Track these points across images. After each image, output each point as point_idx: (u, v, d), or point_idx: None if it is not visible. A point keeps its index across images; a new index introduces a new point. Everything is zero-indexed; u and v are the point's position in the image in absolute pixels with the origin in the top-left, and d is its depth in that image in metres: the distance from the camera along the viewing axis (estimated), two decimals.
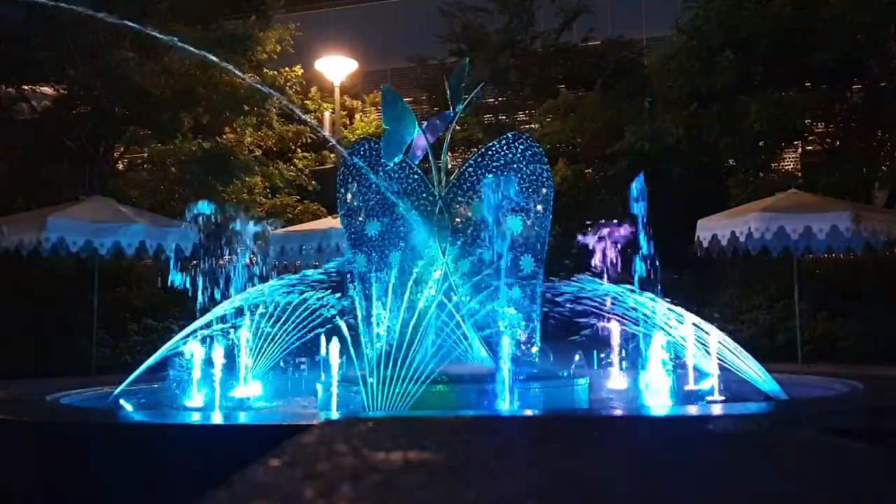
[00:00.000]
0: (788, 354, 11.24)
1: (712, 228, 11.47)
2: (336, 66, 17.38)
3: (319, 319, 7.17)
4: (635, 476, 1.39)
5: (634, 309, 6.88)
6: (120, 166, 17.81)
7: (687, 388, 6.88)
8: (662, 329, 6.56)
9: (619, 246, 7.48)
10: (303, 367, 8.73)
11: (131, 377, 7.10)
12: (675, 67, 14.27)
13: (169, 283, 7.64)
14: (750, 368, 6.68)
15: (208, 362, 6.72)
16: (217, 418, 5.94)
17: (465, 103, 7.82)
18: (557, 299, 7.09)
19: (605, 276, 7.46)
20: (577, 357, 8.16)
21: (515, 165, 7.25)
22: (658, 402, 6.29)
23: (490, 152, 7.32)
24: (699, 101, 13.96)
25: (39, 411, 5.99)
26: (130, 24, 7.71)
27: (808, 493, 1.26)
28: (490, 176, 7.20)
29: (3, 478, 4.86)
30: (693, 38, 14.22)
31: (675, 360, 6.61)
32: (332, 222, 12.35)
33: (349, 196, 7.54)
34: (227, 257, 7.97)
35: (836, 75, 13.66)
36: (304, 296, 7.14)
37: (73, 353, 11.43)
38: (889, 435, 3.87)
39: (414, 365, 6.16)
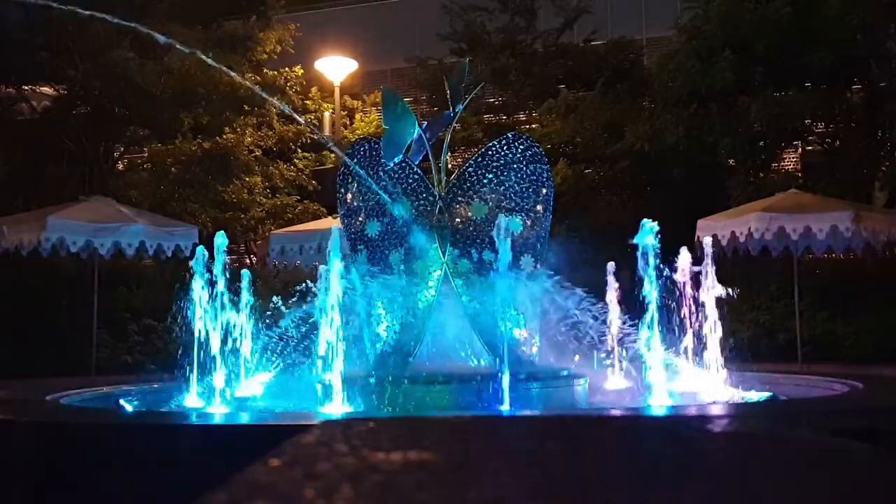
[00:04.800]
0: (788, 354, 11.24)
1: (712, 228, 11.46)
2: (336, 66, 17.39)
3: None
4: (635, 476, 1.39)
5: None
6: (120, 166, 17.82)
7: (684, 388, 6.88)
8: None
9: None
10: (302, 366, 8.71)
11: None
12: (675, 67, 14.27)
13: None
14: None
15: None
16: (217, 418, 5.94)
17: (465, 103, 7.81)
18: None
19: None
20: (576, 357, 8.16)
21: (515, 165, 7.24)
22: (658, 401, 6.29)
23: (490, 152, 7.31)
24: (699, 101, 13.95)
25: (39, 411, 5.98)
26: (131, 24, 7.71)
27: (809, 493, 1.26)
28: (490, 176, 7.20)
29: (3, 478, 4.85)
30: (693, 38, 14.22)
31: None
32: (332, 222, 12.34)
33: (349, 196, 7.53)
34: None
35: (836, 75, 13.66)
36: None
37: (73, 353, 11.43)
38: (889, 435, 3.87)
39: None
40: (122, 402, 6.86)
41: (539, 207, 7.27)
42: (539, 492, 1.24)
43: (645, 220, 6.54)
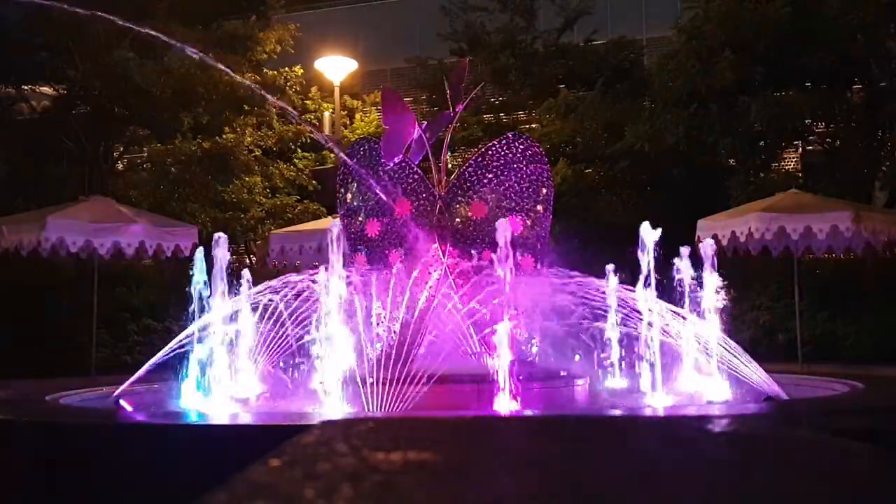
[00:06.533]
0: (788, 354, 11.24)
1: (712, 228, 11.47)
2: (336, 66, 17.38)
3: None
4: (635, 476, 1.39)
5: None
6: (120, 166, 17.83)
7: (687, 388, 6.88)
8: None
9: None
10: (302, 366, 8.70)
11: (133, 377, 7.11)
12: (675, 67, 14.28)
13: None
14: (750, 369, 6.68)
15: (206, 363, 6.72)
16: (217, 418, 5.93)
17: (465, 103, 7.81)
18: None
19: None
20: (576, 357, 8.15)
21: (515, 165, 7.24)
22: (658, 402, 6.29)
23: (490, 152, 7.31)
24: (699, 101, 13.96)
25: (39, 411, 5.98)
26: (131, 24, 7.71)
27: (809, 493, 1.26)
28: (490, 176, 7.19)
29: (3, 478, 4.85)
30: (693, 38, 14.23)
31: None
32: (332, 222, 12.33)
33: (349, 196, 7.54)
34: None
35: (836, 75, 13.67)
36: None
37: (73, 353, 11.43)
38: (889, 435, 3.87)
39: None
40: (122, 401, 6.85)
41: (539, 207, 7.26)
42: (539, 492, 1.24)
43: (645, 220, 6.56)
